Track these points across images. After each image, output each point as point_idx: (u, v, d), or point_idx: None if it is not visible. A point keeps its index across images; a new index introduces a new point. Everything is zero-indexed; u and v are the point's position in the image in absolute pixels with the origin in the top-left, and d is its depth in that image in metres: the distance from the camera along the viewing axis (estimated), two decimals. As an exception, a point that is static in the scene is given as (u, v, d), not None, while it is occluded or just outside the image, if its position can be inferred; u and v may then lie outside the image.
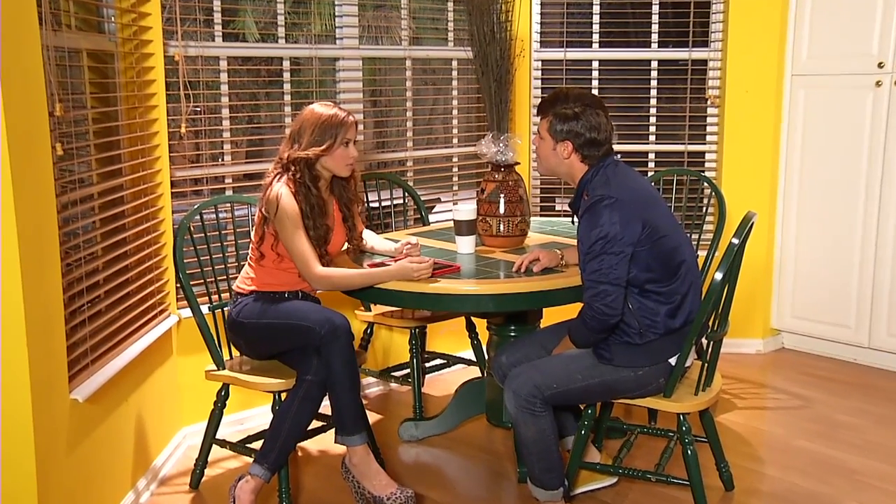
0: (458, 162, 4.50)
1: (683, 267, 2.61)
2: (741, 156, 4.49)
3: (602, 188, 2.57)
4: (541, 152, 2.72)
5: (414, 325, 3.57)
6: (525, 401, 2.62)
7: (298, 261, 2.83)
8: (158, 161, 3.26)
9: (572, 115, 2.63)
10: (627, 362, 2.62)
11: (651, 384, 2.64)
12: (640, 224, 2.52)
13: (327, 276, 2.82)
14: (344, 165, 2.93)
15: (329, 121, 2.88)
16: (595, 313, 2.54)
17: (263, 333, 2.89)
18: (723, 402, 3.88)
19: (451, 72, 4.41)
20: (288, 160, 2.88)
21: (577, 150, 2.64)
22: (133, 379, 3.00)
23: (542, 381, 2.63)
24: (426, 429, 3.53)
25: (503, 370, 2.87)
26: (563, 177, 2.73)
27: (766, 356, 4.58)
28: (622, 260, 2.51)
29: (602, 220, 2.51)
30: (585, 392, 2.66)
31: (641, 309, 2.59)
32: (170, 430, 3.40)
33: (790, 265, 4.56)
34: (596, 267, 2.52)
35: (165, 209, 3.30)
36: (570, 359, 2.69)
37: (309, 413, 2.82)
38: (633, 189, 2.60)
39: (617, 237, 2.50)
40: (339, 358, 2.76)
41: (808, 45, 4.36)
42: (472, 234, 3.15)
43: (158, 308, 3.24)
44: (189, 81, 3.37)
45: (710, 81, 4.50)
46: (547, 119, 2.68)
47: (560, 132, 2.65)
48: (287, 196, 2.82)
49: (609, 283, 2.51)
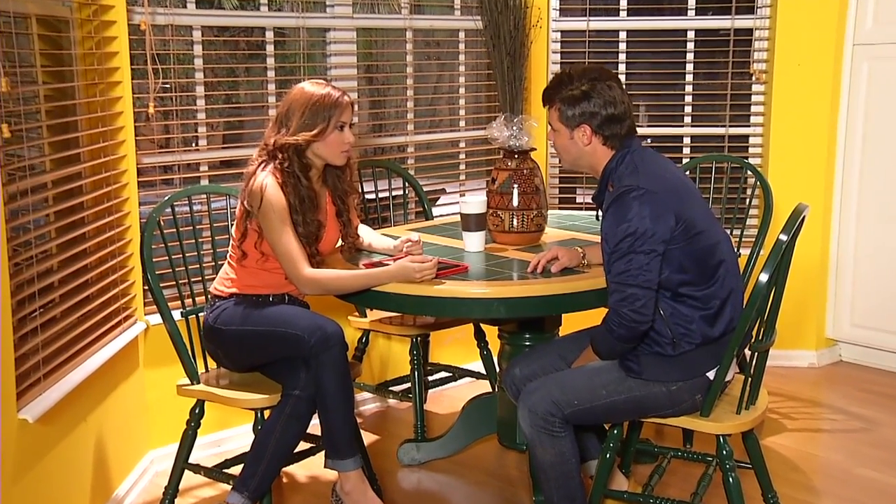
0: (465, 148, 4.48)
1: (722, 268, 2.60)
2: (791, 140, 4.46)
3: (629, 178, 2.57)
4: (559, 146, 2.73)
5: (415, 332, 3.57)
6: (542, 420, 2.61)
7: (284, 260, 2.83)
8: (122, 146, 3.24)
9: (581, 94, 2.63)
10: (659, 376, 2.61)
11: (686, 401, 2.62)
12: (673, 218, 2.52)
13: (317, 278, 2.81)
14: (338, 152, 2.93)
15: (321, 101, 2.88)
16: (622, 320, 2.53)
17: (244, 342, 2.89)
18: (770, 423, 3.87)
19: (457, 44, 4.40)
20: (275, 147, 2.88)
21: (596, 132, 2.64)
22: (93, 395, 2.99)
23: (561, 397, 2.62)
24: (429, 451, 3.52)
25: (516, 385, 2.86)
26: (586, 170, 2.74)
27: (821, 370, 4.56)
28: (653, 259, 2.50)
29: (630, 215, 2.50)
30: (611, 410, 2.65)
31: (674, 315, 2.57)
32: (135, 454, 3.39)
33: (848, 266, 4.53)
34: (623, 267, 2.51)
35: (131, 201, 3.29)
36: (593, 372, 2.68)
37: (296, 433, 2.82)
38: (665, 178, 2.60)
39: (647, 233, 2.49)
40: (332, 371, 2.76)
41: (873, 9, 4.32)
42: (481, 230, 3.14)
43: (123, 314, 3.23)
44: (157, 54, 3.35)
45: (756, 54, 4.47)
46: (555, 108, 2.68)
47: (573, 118, 2.65)
48: (273, 187, 2.82)
49: (638, 286, 2.50)
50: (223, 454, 3.52)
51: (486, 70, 4.41)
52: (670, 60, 4.57)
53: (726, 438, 2.67)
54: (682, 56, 4.53)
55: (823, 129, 4.45)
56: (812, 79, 4.41)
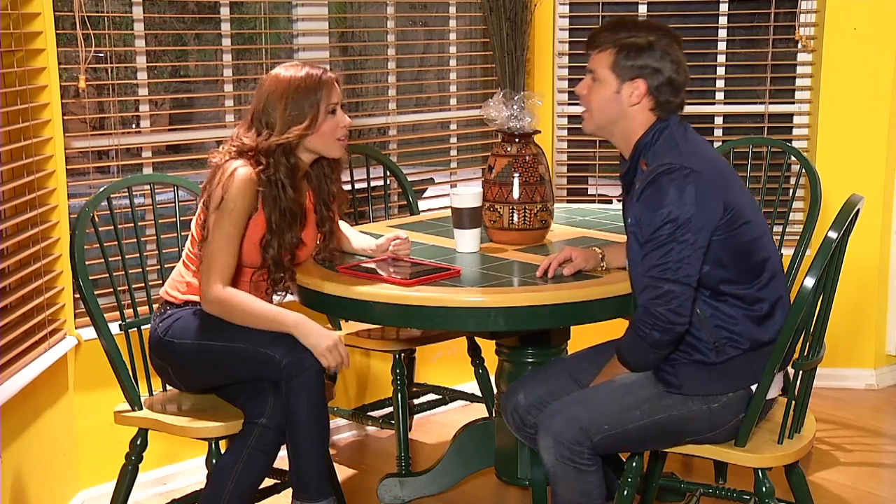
0: (457, 130, 4.49)
1: (769, 266, 2.62)
2: (843, 120, 4.48)
3: (670, 155, 2.58)
4: (596, 99, 2.69)
5: (398, 348, 3.57)
6: (568, 450, 2.60)
7: (205, 262, 2.84)
8: (47, 126, 3.24)
9: (646, 44, 2.62)
10: (701, 389, 2.62)
11: (728, 423, 2.63)
12: (721, 204, 2.54)
13: (226, 301, 2.82)
14: (334, 140, 2.94)
15: (303, 85, 2.87)
16: (656, 321, 2.54)
17: (201, 358, 2.89)
18: (819, 455, 3.87)
19: (447, 7, 4.40)
20: (257, 152, 2.86)
21: (650, 92, 2.63)
22: (10, 425, 2.97)
23: (589, 420, 2.61)
24: (415, 488, 3.52)
25: (520, 414, 2.85)
26: (616, 138, 2.72)
27: (882, 392, 4.57)
28: (695, 252, 2.52)
29: (670, 198, 2.51)
30: (645, 435, 2.65)
31: (716, 317, 2.60)
32: (63, 495, 3.38)
33: (911, 268, 4.55)
34: (659, 259, 2.52)
35: (58, 192, 3.29)
36: (623, 388, 2.67)
37: (260, 469, 2.82)
38: (710, 159, 2.62)
39: (691, 221, 2.50)
40: (305, 398, 2.76)
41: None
42: (476, 227, 3.14)
43: (48, 327, 3.22)
44: (88, 16, 3.34)
45: (803, 17, 4.49)
46: (608, 52, 2.65)
47: (629, 69, 2.63)
48: (246, 181, 2.81)
49: (676, 282, 2.52)
50: (169, 494, 3.50)
51: (482, 38, 4.41)
52: (700, 26, 4.58)
53: (766, 473, 2.67)
54: (714, 20, 4.53)
55: (883, 106, 4.45)
56: (870, 47, 4.42)
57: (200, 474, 3.15)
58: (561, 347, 3.29)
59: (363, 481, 3.69)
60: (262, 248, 2.88)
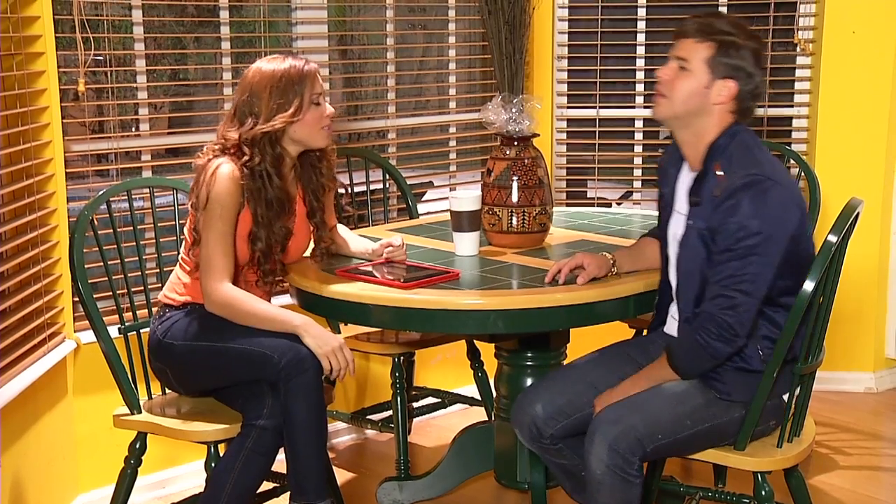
0: (456, 133, 4.49)
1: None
2: (843, 122, 4.48)
3: (751, 164, 2.58)
4: (681, 88, 2.66)
5: (398, 351, 3.57)
6: (622, 459, 2.56)
7: (203, 264, 2.84)
8: (47, 130, 3.24)
9: (746, 47, 2.63)
10: (745, 395, 2.63)
11: (759, 427, 2.66)
12: (799, 213, 2.58)
13: (229, 301, 2.82)
14: (319, 129, 2.94)
15: (287, 76, 2.88)
16: (722, 330, 2.54)
17: (199, 359, 2.88)
18: (819, 458, 3.87)
19: (447, 10, 4.40)
20: (241, 141, 2.86)
21: (738, 96, 2.64)
22: (9, 429, 2.97)
23: (645, 430, 2.58)
24: (414, 491, 3.52)
25: (538, 427, 2.77)
26: (689, 133, 2.70)
27: (881, 396, 4.57)
28: (769, 266, 2.54)
29: (754, 211, 2.52)
30: (689, 443, 2.66)
31: (765, 325, 2.62)
32: (62, 499, 3.38)
33: (910, 272, 4.55)
34: (738, 270, 2.53)
35: (58, 196, 3.29)
36: (675, 398, 2.65)
37: (259, 471, 2.81)
38: (783, 169, 2.67)
39: (773, 235, 2.52)
40: (304, 399, 2.76)
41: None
42: (475, 230, 3.15)
43: (47, 331, 3.22)
44: (87, 20, 3.35)
45: (802, 20, 4.49)
46: (708, 45, 2.63)
47: (725, 66, 2.62)
48: (228, 178, 2.81)
49: (750, 295, 2.53)
50: (168, 497, 3.51)
51: (481, 41, 4.42)
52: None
53: (765, 476, 2.68)
54: (714, 24, 4.54)
55: (882, 109, 4.46)
56: (870, 50, 4.42)
57: (199, 478, 3.15)
58: (560, 350, 3.29)
59: (362, 485, 3.69)
60: (251, 241, 2.88)
